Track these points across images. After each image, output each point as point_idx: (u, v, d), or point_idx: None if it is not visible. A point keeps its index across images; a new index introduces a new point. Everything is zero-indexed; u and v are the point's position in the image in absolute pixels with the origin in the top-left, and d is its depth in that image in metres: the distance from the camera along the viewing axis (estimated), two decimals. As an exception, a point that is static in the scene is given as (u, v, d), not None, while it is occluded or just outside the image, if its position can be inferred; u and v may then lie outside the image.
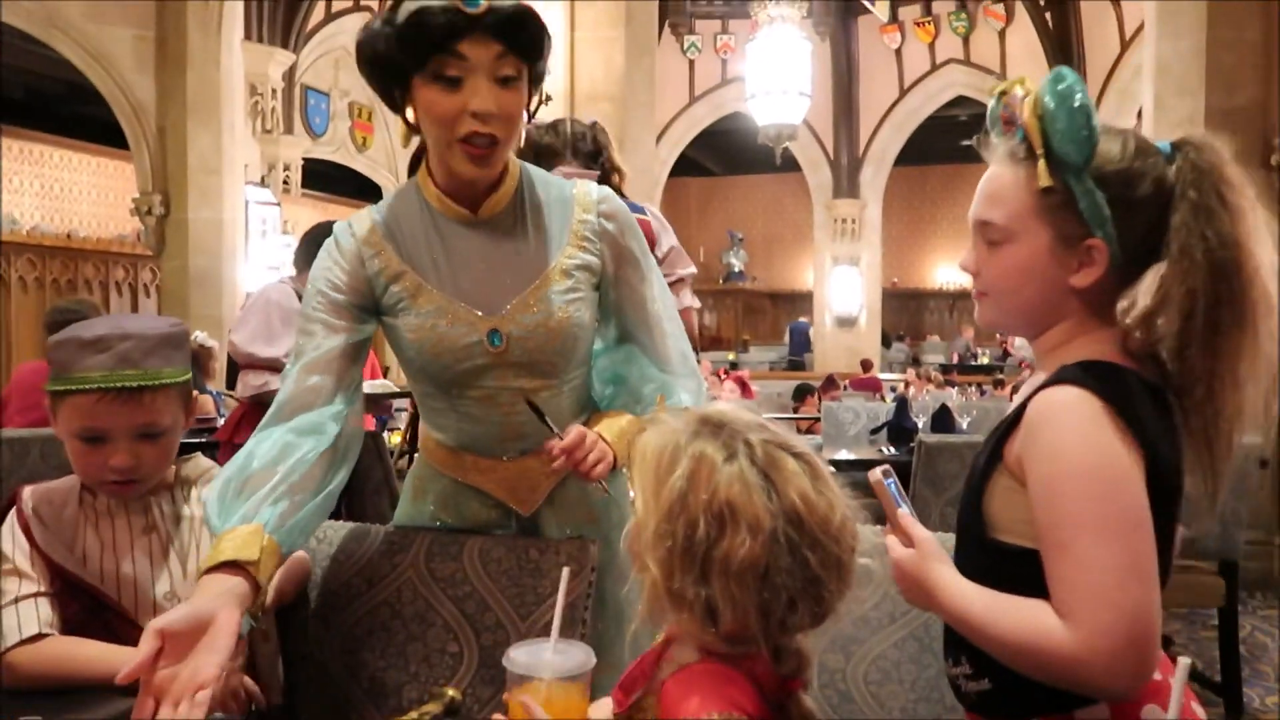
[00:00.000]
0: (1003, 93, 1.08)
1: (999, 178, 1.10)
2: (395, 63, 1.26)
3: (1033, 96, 1.04)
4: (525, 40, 1.24)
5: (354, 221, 1.40)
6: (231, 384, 3.34)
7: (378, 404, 3.29)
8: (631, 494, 0.88)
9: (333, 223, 3.68)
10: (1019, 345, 13.56)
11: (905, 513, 1.08)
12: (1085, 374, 1.00)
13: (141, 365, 1.33)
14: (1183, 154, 1.05)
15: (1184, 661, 0.79)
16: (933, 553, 1.05)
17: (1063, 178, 1.04)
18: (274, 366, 2.99)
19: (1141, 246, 1.05)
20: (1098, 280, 1.06)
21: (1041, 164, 1.04)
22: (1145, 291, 1.05)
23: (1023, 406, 1.04)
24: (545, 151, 2.43)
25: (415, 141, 1.37)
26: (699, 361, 1.78)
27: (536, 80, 1.32)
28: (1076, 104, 1.02)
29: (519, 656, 0.93)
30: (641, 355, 1.45)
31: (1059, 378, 1.02)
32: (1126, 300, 1.07)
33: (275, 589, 1.29)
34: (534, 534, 1.45)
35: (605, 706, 0.96)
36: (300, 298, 3.04)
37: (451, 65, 1.22)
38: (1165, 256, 1.03)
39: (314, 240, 3.16)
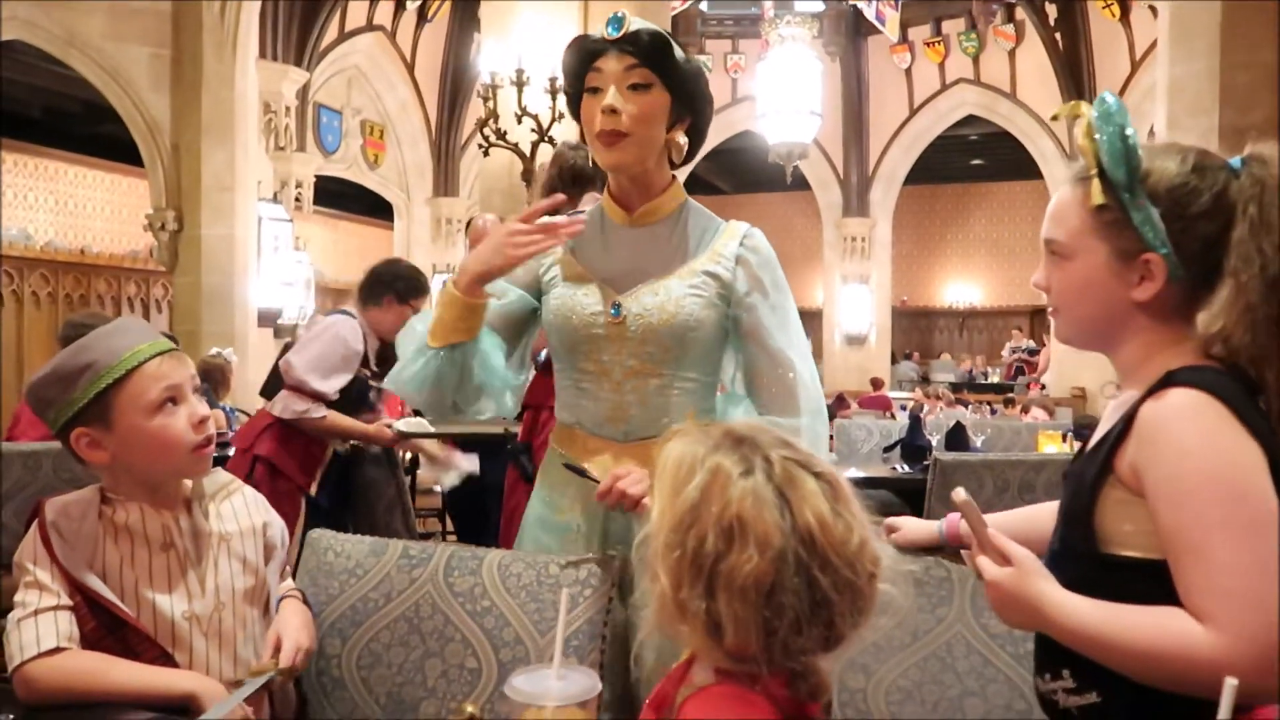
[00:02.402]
0: (1074, 119, 1.13)
1: (1062, 197, 1.14)
2: (571, 88, 1.55)
3: (1085, 120, 1.08)
4: (646, 50, 1.47)
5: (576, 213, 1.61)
6: (267, 393, 3.32)
7: (407, 441, 3.28)
8: (647, 501, 0.87)
9: (399, 261, 3.70)
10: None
11: (995, 532, 1.07)
12: (1196, 375, 1.01)
13: (157, 337, 1.41)
14: (1249, 169, 1.06)
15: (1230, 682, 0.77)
16: (1035, 569, 1.04)
17: (1116, 195, 1.07)
18: (320, 399, 2.98)
19: (1204, 261, 1.06)
20: (1159, 294, 1.07)
21: (1095, 183, 1.07)
22: (1219, 306, 1.05)
23: (1129, 418, 1.04)
24: (579, 176, 2.45)
25: (428, 164, 1.52)
26: None
27: (684, 101, 1.51)
28: (1114, 126, 1.06)
29: (521, 685, 0.91)
30: (760, 407, 1.53)
31: (1168, 382, 1.02)
32: (1205, 314, 1.07)
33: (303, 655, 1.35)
34: (621, 527, 1.48)
35: None
36: (366, 340, 3.07)
37: (594, 78, 1.49)
38: (1227, 271, 1.04)
39: (379, 278, 3.16)
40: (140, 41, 7.74)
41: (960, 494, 1.05)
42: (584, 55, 1.50)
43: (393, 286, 3.12)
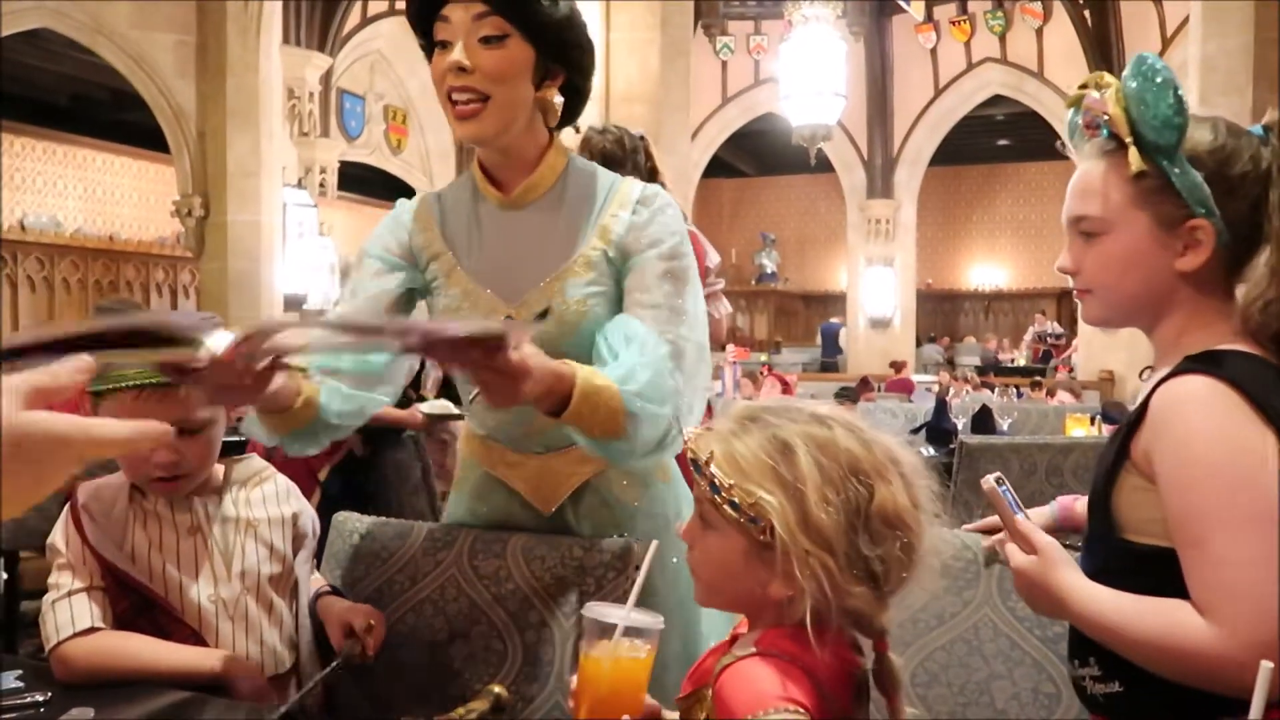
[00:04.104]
0: (1078, 100, 1.08)
1: (1089, 173, 1.09)
2: (421, 41, 1.33)
3: (1114, 88, 1.04)
4: None
5: (416, 198, 1.47)
6: None
7: (438, 425, 3.30)
8: (762, 495, 0.85)
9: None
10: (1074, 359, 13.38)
11: (1023, 519, 1.06)
12: (1209, 362, 0.99)
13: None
14: (1276, 134, 1.04)
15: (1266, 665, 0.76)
16: (1058, 559, 1.03)
17: (1155, 161, 1.03)
18: None
19: (1247, 226, 1.03)
20: (1206, 263, 1.04)
21: (1133, 150, 1.02)
22: (1261, 271, 1.03)
23: (1146, 402, 1.02)
24: (609, 159, 2.42)
25: (451, 149, 1.39)
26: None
27: (551, 53, 1.31)
28: (1160, 80, 1.01)
29: (597, 606, 0.94)
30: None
31: (1182, 368, 1.00)
32: (1244, 284, 1.05)
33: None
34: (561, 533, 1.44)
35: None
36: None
37: (441, 29, 1.28)
38: (1268, 234, 1.02)
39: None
40: (166, 28, 7.79)
41: (988, 481, 1.04)
42: (428, 2, 1.28)
43: None
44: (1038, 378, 9.97)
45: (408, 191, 12.34)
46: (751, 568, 0.86)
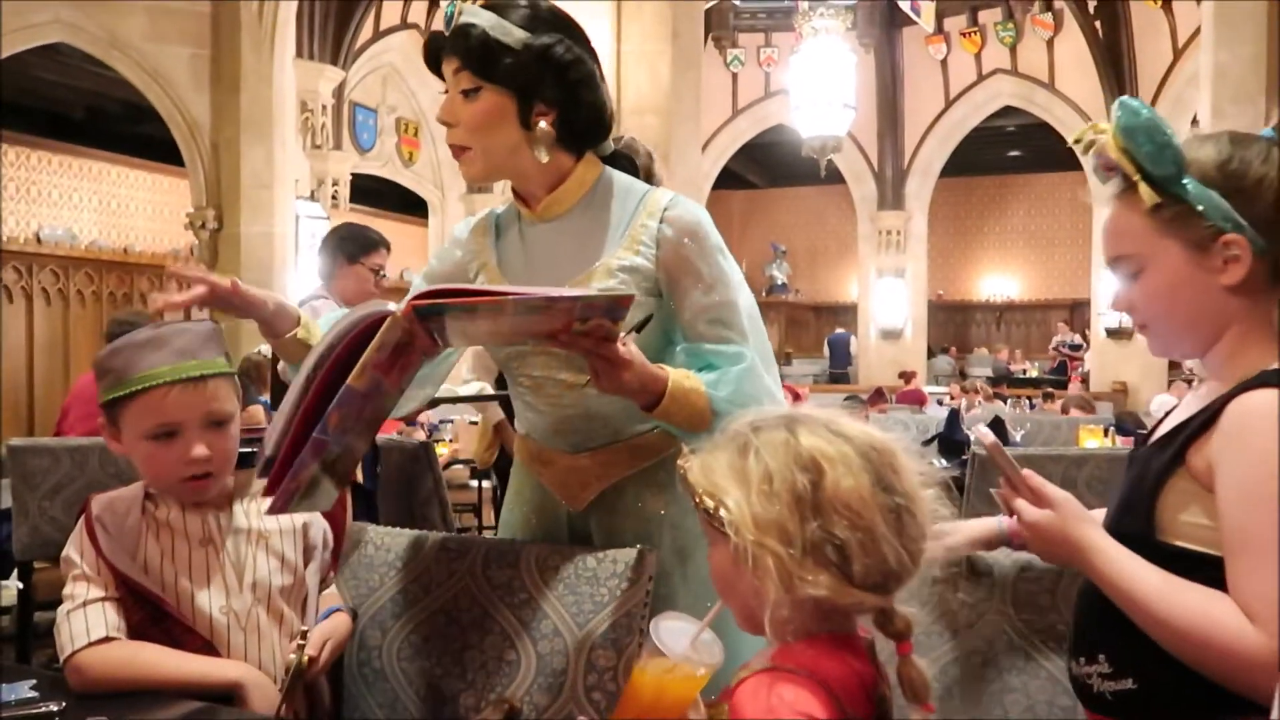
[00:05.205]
0: (1090, 144, 1.11)
1: (1115, 214, 1.13)
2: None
3: (1109, 133, 1.07)
4: (465, 53, 1.33)
5: (478, 215, 1.57)
6: (277, 402, 3.29)
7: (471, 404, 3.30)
8: (721, 498, 0.88)
9: (337, 228, 3.59)
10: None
11: (1030, 473, 1.08)
12: None
13: (199, 356, 1.38)
14: None
15: None
16: (1078, 513, 1.06)
17: (1166, 190, 1.06)
18: None
19: None
20: (1250, 273, 1.05)
21: (1142, 185, 1.06)
22: None
23: (1215, 411, 1.03)
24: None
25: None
26: None
27: (535, 92, 1.34)
28: (1144, 117, 1.05)
29: (664, 634, 0.93)
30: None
31: (1261, 381, 1.01)
32: None
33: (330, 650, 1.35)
34: (582, 536, 1.47)
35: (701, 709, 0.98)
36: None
37: (445, 80, 1.37)
38: None
39: (326, 251, 3.17)
40: (180, 42, 7.86)
41: (987, 435, 1.07)
42: (432, 55, 1.38)
43: (340, 253, 3.14)
44: (1049, 389, 9.92)
45: (420, 204, 12.42)
46: (741, 575, 0.87)
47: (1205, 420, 1.04)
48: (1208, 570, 0.99)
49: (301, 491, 1.18)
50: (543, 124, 1.35)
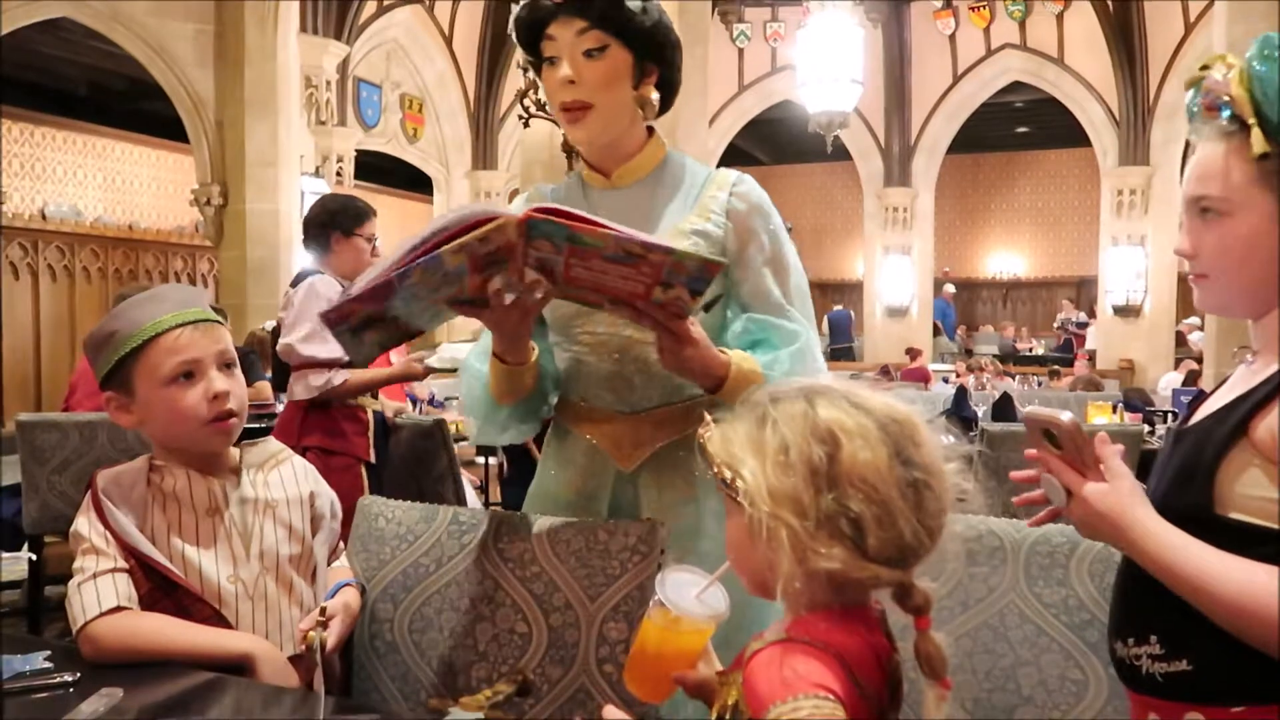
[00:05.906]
0: (1197, 81, 1.06)
1: (1210, 155, 1.07)
2: (528, 59, 1.46)
3: (1238, 69, 1.02)
4: (597, 11, 1.38)
5: (533, 189, 1.60)
6: (281, 385, 3.21)
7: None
8: (738, 468, 0.88)
9: (325, 200, 3.46)
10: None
11: (1105, 436, 1.06)
12: None
13: (197, 305, 1.42)
14: None
15: None
16: (1134, 491, 1.03)
17: (1279, 142, 1.01)
18: (334, 364, 2.85)
19: None
20: None
21: (1255, 131, 1.01)
22: None
23: (1277, 384, 1.01)
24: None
25: (467, 138, 1.47)
26: None
27: (648, 54, 1.43)
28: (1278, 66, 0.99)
29: (670, 589, 0.95)
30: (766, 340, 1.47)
31: None
32: None
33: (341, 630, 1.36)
34: (626, 499, 1.48)
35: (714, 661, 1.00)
36: (342, 288, 3.00)
37: (548, 47, 1.41)
38: None
39: (317, 223, 3.05)
40: (184, 17, 7.81)
41: (1068, 417, 1.04)
42: (534, 24, 1.41)
43: (333, 226, 3.04)
44: (1056, 367, 9.90)
45: (424, 180, 12.39)
46: (756, 546, 0.87)
47: (1270, 391, 1.01)
48: (1269, 545, 0.96)
49: (350, 325, 1.21)
50: (650, 88, 1.44)
